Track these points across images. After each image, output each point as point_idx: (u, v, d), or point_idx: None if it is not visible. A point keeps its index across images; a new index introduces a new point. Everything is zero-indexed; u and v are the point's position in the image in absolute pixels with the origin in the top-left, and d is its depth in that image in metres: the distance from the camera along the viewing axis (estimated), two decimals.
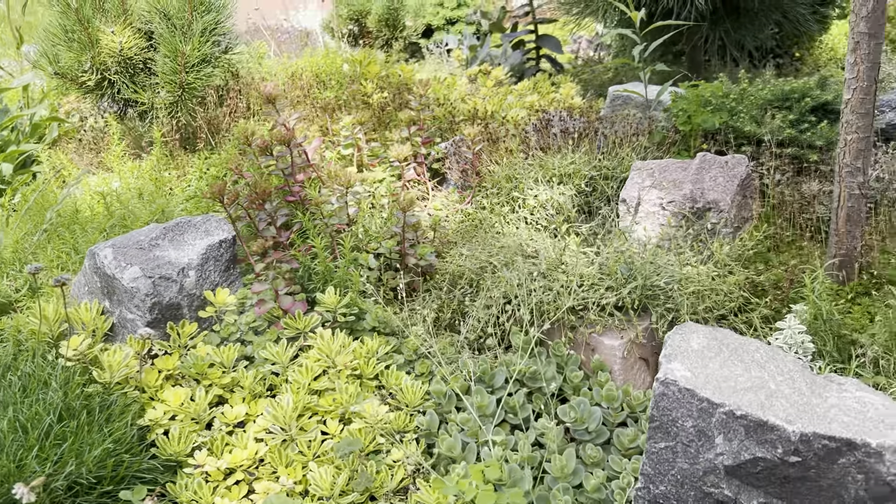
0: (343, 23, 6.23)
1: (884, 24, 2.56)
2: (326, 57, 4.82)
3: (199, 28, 3.96)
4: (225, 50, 4.40)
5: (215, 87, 4.51)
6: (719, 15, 4.61)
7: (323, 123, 4.12)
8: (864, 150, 2.68)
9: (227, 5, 4.17)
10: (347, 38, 6.32)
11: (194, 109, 4.21)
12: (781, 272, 2.81)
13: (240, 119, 4.31)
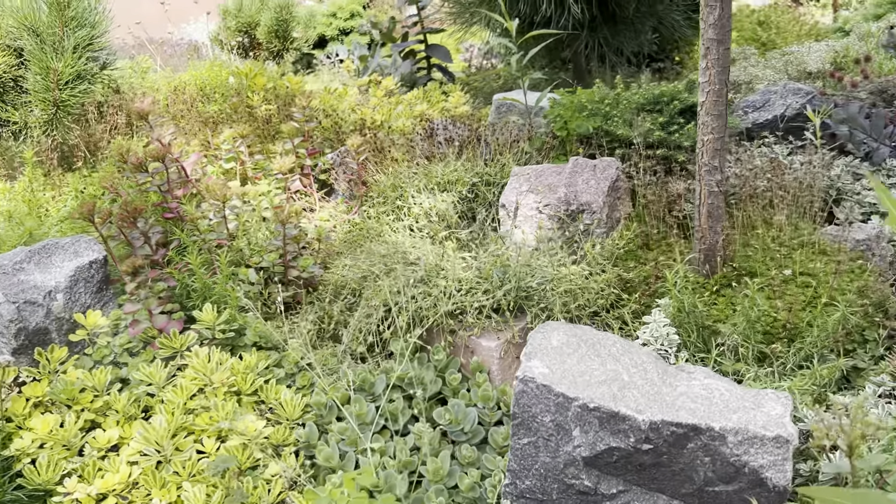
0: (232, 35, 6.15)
1: (730, 30, 2.72)
2: (211, 70, 4.75)
3: (71, 44, 3.84)
4: (103, 65, 4.29)
5: (96, 104, 4.38)
6: (597, 22, 4.78)
7: (204, 138, 4.06)
8: (720, 150, 2.83)
9: (101, 21, 4.06)
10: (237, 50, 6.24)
11: (71, 127, 4.08)
12: (649, 269, 2.94)
13: (119, 136, 4.19)
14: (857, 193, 3.43)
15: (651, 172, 3.46)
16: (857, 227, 3.12)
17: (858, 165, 3.63)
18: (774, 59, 5.05)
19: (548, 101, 4.01)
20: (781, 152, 3.68)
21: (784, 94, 4.13)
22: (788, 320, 2.69)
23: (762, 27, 6.49)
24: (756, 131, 4.08)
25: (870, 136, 3.64)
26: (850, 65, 4.81)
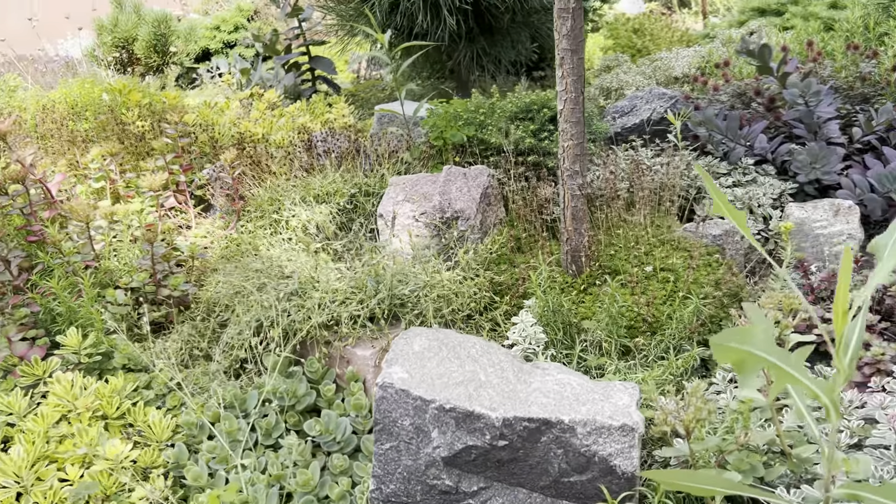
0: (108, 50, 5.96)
1: (583, 40, 2.85)
2: (83, 86, 4.60)
3: None
4: None
5: None
6: (475, 33, 4.90)
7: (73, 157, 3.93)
8: (580, 155, 2.96)
9: None
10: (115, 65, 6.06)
11: None
12: (519, 271, 3.04)
13: None
14: None
15: (523, 178, 3.57)
16: (714, 224, 3.31)
17: (717, 165, 3.85)
18: (644, 66, 5.29)
19: (426, 111, 4.08)
20: (646, 155, 3.86)
21: (650, 99, 4.34)
22: (650, 314, 2.84)
23: (637, 34, 6.78)
24: (625, 135, 4.28)
25: (726, 137, 3.87)
26: (713, 69, 5.10)
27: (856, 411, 2.24)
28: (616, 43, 6.64)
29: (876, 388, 2.37)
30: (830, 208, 3.51)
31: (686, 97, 4.46)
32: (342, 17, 5.09)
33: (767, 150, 3.88)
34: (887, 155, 3.73)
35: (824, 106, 3.85)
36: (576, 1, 2.76)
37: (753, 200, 3.55)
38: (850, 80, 4.40)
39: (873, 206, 3.58)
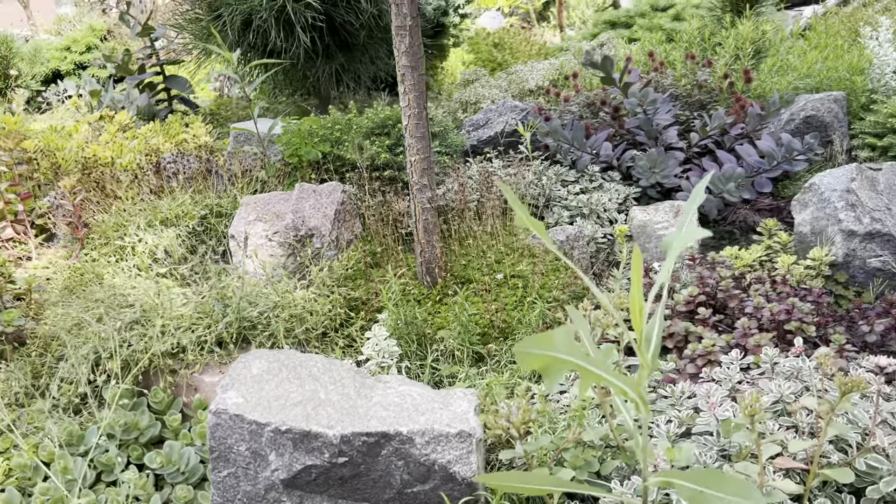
0: None
1: (421, 56, 2.91)
2: None
3: None
4: None
5: None
6: (332, 50, 4.89)
7: None
8: (427, 169, 3.01)
9: None
10: None
11: None
12: (374, 286, 3.05)
13: None
14: (564, 199, 3.78)
15: (379, 193, 3.60)
16: (561, 229, 3.44)
17: (567, 173, 4.01)
18: (501, 79, 5.44)
19: (281, 129, 4.04)
20: (499, 166, 3.97)
21: (503, 111, 4.47)
22: (501, 320, 2.91)
23: (497, 49, 6.97)
24: (480, 147, 4.38)
25: (573, 146, 4.03)
26: (565, 81, 5.30)
27: (687, 401, 2.38)
28: (477, 57, 6.80)
29: (707, 379, 2.53)
30: (671, 210, 3.72)
31: (539, 109, 4.62)
32: (195, 37, 4.98)
33: (612, 157, 4.07)
34: (721, 157, 3.99)
35: (662, 114, 4.08)
36: (412, 19, 2.82)
37: (599, 206, 3.72)
38: (688, 88, 4.68)
39: (710, 207, 3.82)
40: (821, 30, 5.45)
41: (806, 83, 4.52)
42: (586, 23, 7.94)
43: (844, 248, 3.25)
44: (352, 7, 4.65)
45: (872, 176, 3.42)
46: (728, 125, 4.11)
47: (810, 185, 3.47)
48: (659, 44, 5.67)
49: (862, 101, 4.45)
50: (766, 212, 3.96)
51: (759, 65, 4.94)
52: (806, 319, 2.78)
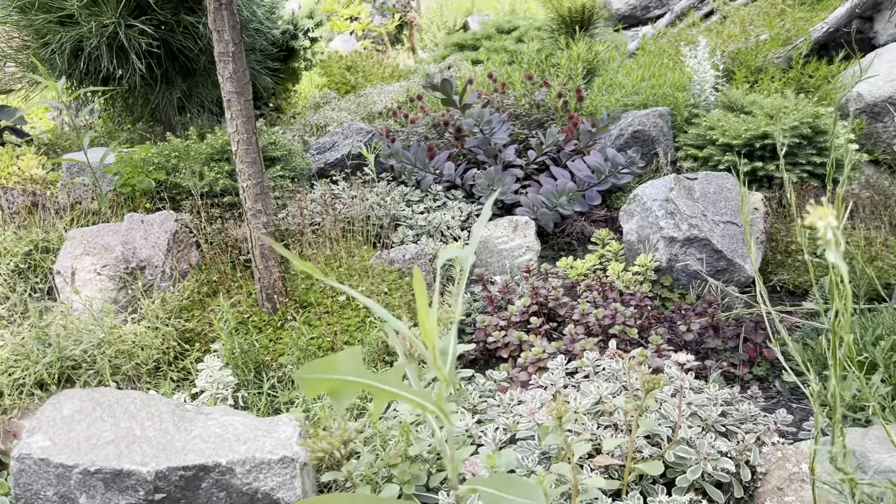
0: None
1: (247, 82, 2.89)
2: None
3: None
4: None
5: None
6: (172, 76, 4.78)
7: None
8: (261, 194, 2.99)
9: None
10: None
11: None
12: (209, 316, 2.99)
13: None
14: (409, 218, 3.85)
15: (219, 220, 3.54)
16: (405, 248, 3.50)
17: (412, 192, 4.08)
18: (350, 102, 5.48)
19: (114, 158, 3.90)
20: (345, 188, 3.99)
21: (349, 134, 4.50)
22: (342, 342, 2.92)
23: (350, 71, 7.02)
24: (327, 170, 4.39)
25: (416, 167, 4.11)
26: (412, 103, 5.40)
27: (517, 408, 2.47)
28: (330, 80, 6.82)
29: (535, 385, 2.63)
30: (510, 225, 3.86)
31: (386, 131, 4.69)
32: (22, 65, 4.73)
33: (455, 176, 4.18)
34: (555, 173, 4.18)
35: (499, 133, 4.23)
36: (234, 45, 2.80)
37: (443, 224, 3.81)
38: (527, 108, 4.88)
39: (546, 220, 3.99)
40: (650, 49, 5.83)
41: (634, 100, 4.82)
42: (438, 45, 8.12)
43: (667, 254, 3.47)
44: (189, 33, 4.57)
45: (689, 185, 3.69)
46: (562, 142, 4.32)
47: (634, 196, 3.69)
48: (502, 65, 5.88)
49: (685, 116, 4.79)
50: (600, 222, 4.18)
51: (592, 84, 5.22)
52: (629, 323, 2.95)
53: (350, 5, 8.73)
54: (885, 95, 4.97)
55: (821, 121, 4.27)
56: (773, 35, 5.51)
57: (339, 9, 8.55)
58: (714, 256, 3.43)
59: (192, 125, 5.57)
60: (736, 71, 5.30)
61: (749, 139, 4.21)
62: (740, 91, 4.88)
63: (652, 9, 8.01)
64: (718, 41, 5.53)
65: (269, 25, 5.59)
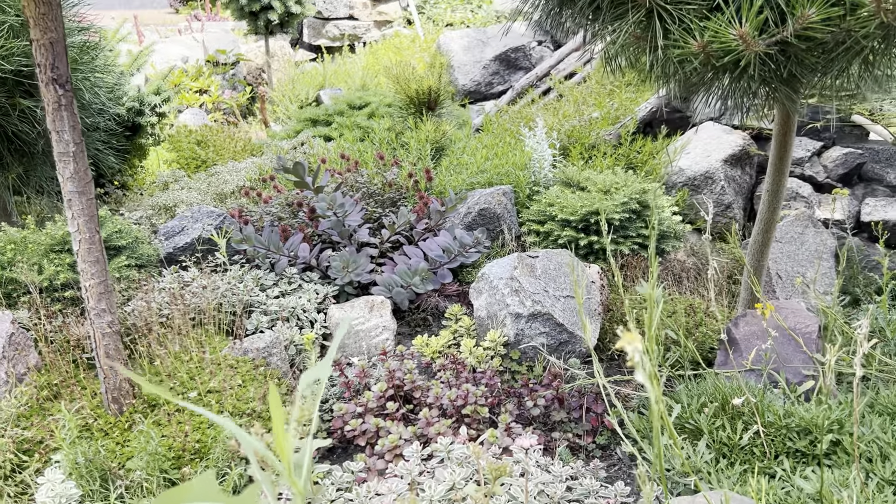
0: None
1: (89, 181, 2.84)
2: None
3: None
4: None
5: None
6: (7, 160, 4.56)
7: None
8: (105, 293, 2.91)
9: None
10: None
11: None
12: (51, 422, 2.86)
13: None
14: (263, 303, 3.84)
15: (59, 315, 3.39)
16: (259, 337, 3.49)
17: (266, 276, 4.08)
18: (200, 181, 5.42)
19: None
20: (195, 275, 3.94)
21: (199, 217, 4.45)
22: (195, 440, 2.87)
23: (201, 146, 6.93)
24: (176, 255, 4.32)
25: (269, 250, 4.13)
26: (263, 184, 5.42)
27: (375, 499, 2.52)
28: (179, 155, 6.70)
29: (392, 474, 2.70)
30: (366, 305, 3.94)
31: (240, 212, 4.68)
32: None
33: (310, 258, 4.23)
34: (408, 252, 4.32)
35: (353, 215, 4.34)
36: (76, 145, 2.76)
37: (298, 308, 3.83)
38: (380, 186, 5.03)
39: (401, 299, 4.10)
40: (493, 128, 6.18)
41: (480, 178, 5.08)
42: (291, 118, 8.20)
43: (514, 329, 3.67)
44: (27, 116, 4.40)
45: (531, 263, 3.93)
46: (414, 221, 4.48)
47: (482, 275, 3.89)
48: (354, 142, 6.03)
49: (527, 193, 5.10)
50: (453, 297, 4.35)
51: (441, 162, 5.46)
52: (480, 402, 3.09)
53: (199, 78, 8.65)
54: (703, 169, 5.52)
55: (648, 196, 4.68)
56: (603, 114, 6.00)
57: (187, 81, 8.45)
58: (557, 330, 3.65)
59: (30, 208, 5.31)
60: (571, 148, 5.72)
61: (585, 215, 4.55)
62: (576, 168, 5.27)
63: (495, 85, 8.48)
64: (555, 120, 5.95)
65: (112, 105, 5.47)
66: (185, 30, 11.57)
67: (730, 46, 2.12)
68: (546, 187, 5.18)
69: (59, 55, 2.68)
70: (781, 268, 4.67)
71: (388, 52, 9.11)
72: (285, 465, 1.70)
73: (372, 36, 11.17)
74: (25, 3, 2.59)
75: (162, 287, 3.74)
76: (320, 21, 11.50)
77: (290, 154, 6.08)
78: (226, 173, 5.53)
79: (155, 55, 9.18)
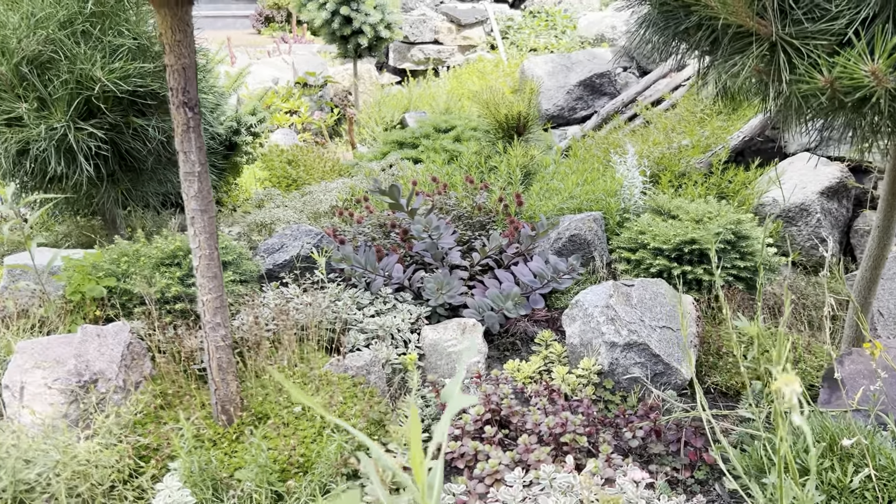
0: None
1: (211, 200, 2.98)
2: None
3: None
4: None
5: None
6: (118, 176, 4.80)
7: None
8: (220, 308, 3.04)
9: None
10: None
11: None
12: (169, 430, 2.98)
13: None
14: (359, 322, 3.93)
15: (171, 328, 3.54)
16: (359, 355, 3.56)
17: (362, 295, 4.18)
18: (295, 200, 5.58)
19: (62, 262, 3.87)
20: (296, 292, 4.06)
21: (297, 235, 4.59)
22: (299, 455, 2.95)
23: (292, 165, 7.14)
24: (276, 272, 4.46)
25: (366, 270, 4.22)
26: (355, 204, 5.55)
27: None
28: (272, 174, 6.92)
29: (494, 499, 2.72)
30: (458, 327, 3.99)
31: (333, 231, 4.80)
32: None
33: (404, 279, 4.31)
34: (500, 276, 4.36)
35: (446, 237, 4.40)
36: (200, 165, 2.90)
37: (393, 327, 3.90)
38: (469, 210, 5.09)
39: (492, 323, 4.13)
40: (580, 153, 6.18)
41: (569, 204, 5.09)
42: (376, 139, 8.36)
43: (608, 357, 3.65)
44: (139, 135, 4.63)
45: (627, 291, 3.91)
46: (505, 245, 4.52)
47: (576, 301, 3.89)
48: (442, 165, 6.12)
49: (617, 220, 5.08)
50: (542, 322, 4.35)
51: (530, 187, 5.50)
52: (578, 431, 3.08)
53: (289, 99, 8.93)
54: (798, 201, 5.40)
55: (742, 226, 4.61)
56: (694, 142, 5.95)
57: (278, 102, 8.73)
58: (652, 360, 3.62)
59: (135, 220, 5.56)
60: (661, 175, 5.67)
61: (678, 244, 4.50)
62: (666, 196, 5.22)
63: (578, 110, 8.49)
64: (644, 147, 5.92)
65: (214, 123, 5.70)
66: (273, 51, 11.96)
67: (861, 83, 2.10)
68: (637, 215, 5.15)
69: (190, 80, 2.83)
70: (883, 305, 4.52)
71: (472, 77, 9.22)
72: (420, 485, 1.74)
73: (455, 60, 11.34)
74: (163, 31, 2.74)
75: (265, 302, 3.86)
76: (406, 45, 11.74)
77: (380, 176, 6.20)
78: (319, 193, 5.68)
79: (248, 76, 9.52)
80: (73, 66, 4.35)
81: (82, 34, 4.46)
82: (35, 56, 4.38)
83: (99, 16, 4.58)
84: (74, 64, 4.35)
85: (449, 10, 11.58)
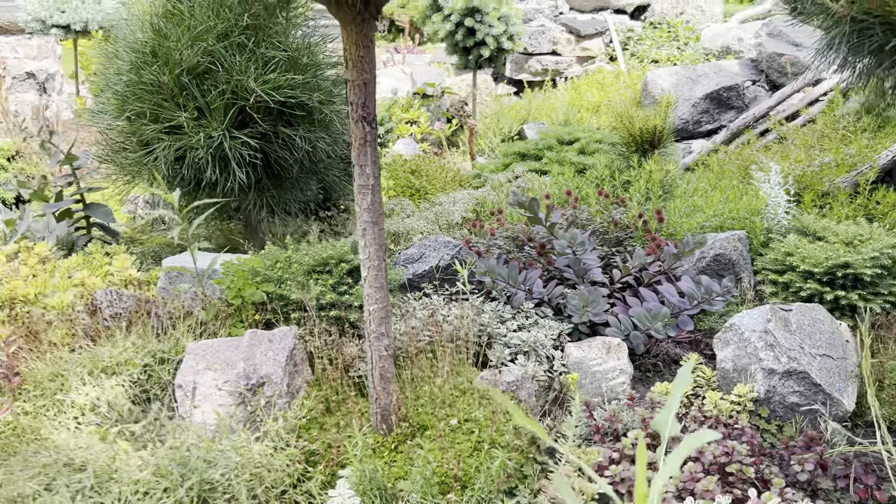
0: None
1: (382, 213, 3.03)
2: None
3: None
4: None
5: None
6: (264, 183, 4.97)
7: None
8: (385, 318, 3.08)
9: None
10: None
11: None
12: (332, 436, 3.04)
13: None
14: (503, 336, 3.92)
15: (326, 334, 3.62)
16: (509, 370, 3.55)
17: (503, 309, 4.17)
18: (426, 211, 5.64)
19: (220, 266, 4.02)
20: (439, 302, 4.09)
21: (437, 247, 4.63)
22: (459, 469, 2.95)
23: (415, 175, 7.23)
24: (416, 282, 4.50)
25: (508, 284, 4.21)
26: (487, 215, 5.56)
27: None
28: (396, 183, 7.02)
29: None
30: (603, 346, 3.92)
31: (467, 242, 4.82)
32: (121, 168, 4.94)
33: (544, 294, 4.27)
34: (643, 294, 4.27)
35: (588, 253, 4.35)
36: (374, 178, 2.95)
37: (537, 343, 3.87)
38: (604, 225, 5.02)
39: (637, 343, 4.05)
40: (716, 169, 6.01)
41: (711, 222, 4.95)
42: (494, 150, 8.37)
43: (765, 385, 3.51)
44: (287, 144, 4.78)
45: (785, 317, 3.75)
46: (647, 263, 4.42)
47: (731, 325, 3.76)
48: (571, 178, 6.06)
49: (761, 240, 4.90)
50: (685, 344, 4.24)
51: (667, 202, 5.37)
52: (745, 461, 2.97)
53: (409, 109, 9.06)
54: None
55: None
56: (838, 160, 5.68)
57: (399, 112, 8.87)
58: (812, 390, 3.46)
59: (275, 226, 5.74)
60: (803, 194, 5.44)
61: (830, 267, 4.30)
62: (812, 216, 5.00)
63: (703, 123, 8.26)
64: (784, 164, 5.69)
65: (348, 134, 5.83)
66: (388, 61, 12.18)
67: None
68: (781, 235, 4.96)
69: (370, 95, 2.89)
70: None
71: (591, 88, 9.12)
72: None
73: (573, 71, 11.26)
74: (347, 47, 2.81)
75: (413, 313, 3.90)
76: (523, 56, 11.75)
77: (507, 187, 6.20)
78: (449, 204, 5.73)
79: None
80: (229, 76, 4.54)
81: (238, 46, 4.65)
82: (194, 66, 4.59)
83: (253, 28, 4.77)
84: (231, 75, 4.54)
85: (568, 21, 11.51)
